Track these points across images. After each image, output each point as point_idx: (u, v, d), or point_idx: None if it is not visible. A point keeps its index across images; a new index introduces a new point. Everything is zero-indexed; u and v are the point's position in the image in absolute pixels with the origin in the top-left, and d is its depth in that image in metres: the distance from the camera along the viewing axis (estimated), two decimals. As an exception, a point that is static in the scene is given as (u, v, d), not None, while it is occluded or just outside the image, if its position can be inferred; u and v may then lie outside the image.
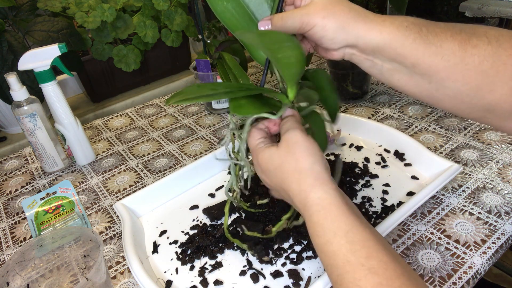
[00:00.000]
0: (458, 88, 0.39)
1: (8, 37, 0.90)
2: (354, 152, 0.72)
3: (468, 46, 0.38)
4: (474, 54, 0.37)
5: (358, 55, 0.43)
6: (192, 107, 0.98)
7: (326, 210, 0.38)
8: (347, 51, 0.43)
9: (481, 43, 0.37)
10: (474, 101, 0.40)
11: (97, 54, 1.04)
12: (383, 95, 0.90)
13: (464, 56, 0.38)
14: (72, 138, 0.77)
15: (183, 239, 0.59)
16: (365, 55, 0.42)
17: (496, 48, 0.37)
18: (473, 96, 0.39)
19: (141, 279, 0.50)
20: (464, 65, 0.38)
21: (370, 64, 0.43)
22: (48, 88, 0.72)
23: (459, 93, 0.39)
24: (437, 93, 0.41)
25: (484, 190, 0.60)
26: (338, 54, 0.44)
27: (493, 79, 0.38)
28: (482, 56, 0.37)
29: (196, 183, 0.70)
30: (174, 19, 1.08)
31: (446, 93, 0.40)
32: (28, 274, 0.50)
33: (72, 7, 0.98)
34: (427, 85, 0.41)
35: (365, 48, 0.41)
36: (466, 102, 0.40)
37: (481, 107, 0.40)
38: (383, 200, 0.61)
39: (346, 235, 0.36)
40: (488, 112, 0.40)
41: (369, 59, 0.43)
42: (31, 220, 0.67)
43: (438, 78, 0.39)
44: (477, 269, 0.49)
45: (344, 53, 0.44)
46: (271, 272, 0.52)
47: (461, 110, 0.42)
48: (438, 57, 0.38)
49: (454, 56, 0.38)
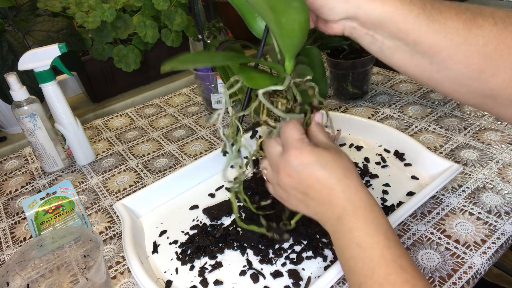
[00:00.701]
0: (459, 70, 0.38)
1: (8, 37, 0.90)
2: (354, 152, 0.72)
3: (473, 26, 0.36)
4: (479, 34, 0.36)
5: (359, 29, 0.41)
6: (192, 107, 0.99)
7: (372, 208, 0.40)
8: (348, 24, 0.41)
9: (486, 24, 0.36)
10: (476, 85, 0.38)
11: (97, 54, 1.04)
12: (383, 95, 0.90)
13: (468, 36, 0.36)
14: (72, 138, 0.77)
15: (183, 239, 0.59)
16: (365, 29, 0.41)
17: (502, 30, 0.36)
18: (474, 79, 0.38)
19: (141, 279, 0.50)
20: (467, 45, 0.36)
21: (370, 40, 0.41)
22: (48, 88, 0.72)
23: (461, 75, 0.38)
24: (438, 75, 0.40)
25: (484, 190, 0.60)
26: (338, 27, 0.42)
27: (496, 63, 0.36)
28: (487, 38, 0.36)
29: (196, 183, 0.70)
30: (174, 19, 1.08)
31: (447, 75, 0.39)
32: (28, 274, 0.50)
33: (72, 7, 0.98)
34: (428, 65, 0.39)
35: (366, 20, 0.39)
36: (467, 86, 0.39)
37: (482, 93, 0.39)
38: (383, 200, 0.61)
39: (386, 232, 0.38)
40: (489, 98, 0.39)
41: (370, 34, 0.41)
42: (31, 220, 0.67)
43: (439, 58, 0.38)
44: (477, 269, 0.49)
45: (344, 27, 0.42)
46: (271, 272, 0.52)
47: (462, 95, 0.40)
48: (441, 35, 0.37)
49: (457, 35, 0.36)
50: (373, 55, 0.43)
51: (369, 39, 0.41)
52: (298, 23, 0.38)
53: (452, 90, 0.41)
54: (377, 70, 1.02)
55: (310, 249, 0.53)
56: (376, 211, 0.39)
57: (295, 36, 0.39)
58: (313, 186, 0.40)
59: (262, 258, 0.54)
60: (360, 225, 0.39)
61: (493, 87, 0.38)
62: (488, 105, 0.40)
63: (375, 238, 0.38)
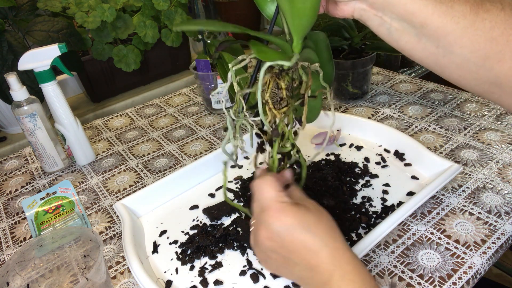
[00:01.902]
0: (465, 55, 0.38)
1: (8, 37, 0.90)
2: (354, 152, 0.72)
3: (480, 9, 0.36)
4: (485, 18, 0.36)
5: (368, 10, 0.41)
6: (192, 107, 0.99)
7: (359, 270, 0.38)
8: (358, 5, 0.42)
9: (494, 8, 0.36)
10: (481, 72, 0.38)
11: (97, 54, 1.04)
12: (383, 95, 0.90)
13: (475, 20, 0.36)
14: (72, 138, 0.77)
15: (183, 239, 0.59)
16: (374, 10, 0.41)
17: (509, 15, 0.36)
18: (480, 66, 0.38)
19: (141, 279, 0.50)
20: (474, 29, 0.36)
21: (379, 22, 0.42)
22: (48, 88, 0.72)
23: (466, 61, 0.38)
24: (443, 59, 0.40)
25: (484, 190, 0.60)
26: (348, 9, 0.43)
27: (502, 48, 0.36)
28: (494, 22, 0.36)
29: (196, 183, 0.70)
30: (174, 19, 1.08)
31: (453, 60, 0.39)
32: (28, 274, 0.50)
33: (72, 7, 0.98)
34: (434, 49, 0.39)
35: (375, 1, 0.40)
36: (473, 72, 0.39)
37: (488, 80, 0.39)
38: (383, 200, 0.61)
39: None
40: (495, 86, 0.39)
41: (379, 15, 0.41)
42: (31, 220, 0.67)
43: (445, 42, 0.38)
44: (477, 269, 0.49)
45: (354, 9, 0.43)
46: (271, 272, 0.52)
47: (467, 81, 0.40)
48: (448, 17, 0.37)
49: (464, 18, 0.36)
50: (382, 38, 0.44)
51: (378, 20, 0.42)
52: (310, 2, 0.39)
53: (458, 75, 0.40)
54: (377, 70, 1.02)
55: (310, 249, 0.53)
56: (364, 273, 0.38)
57: (305, 16, 0.40)
58: (298, 250, 0.38)
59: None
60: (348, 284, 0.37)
61: (498, 74, 0.38)
62: (495, 94, 0.40)
63: None
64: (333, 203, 0.58)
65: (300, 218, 0.38)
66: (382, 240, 0.54)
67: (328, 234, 0.39)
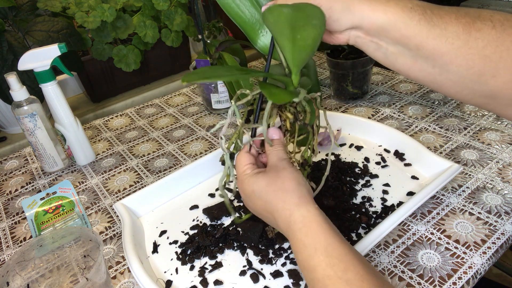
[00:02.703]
0: (461, 72, 0.39)
1: (8, 37, 0.90)
2: (354, 152, 0.72)
3: (473, 29, 0.37)
4: (478, 37, 0.37)
5: (363, 37, 0.43)
6: (192, 107, 0.99)
7: (307, 227, 0.40)
8: (352, 33, 0.43)
9: (485, 27, 0.37)
10: (477, 87, 0.39)
11: (97, 54, 1.04)
12: (383, 95, 0.90)
13: (468, 39, 0.37)
14: (72, 138, 0.77)
15: (183, 239, 0.59)
16: (370, 37, 0.42)
17: (500, 32, 0.37)
18: (475, 82, 0.39)
19: (141, 279, 0.50)
20: (468, 48, 0.37)
21: (375, 47, 0.43)
22: (48, 88, 0.72)
23: (462, 78, 0.39)
24: (440, 77, 0.41)
25: (484, 190, 0.60)
26: (343, 37, 0.44)
27: (496, 65, 0.37)
28: (486, 40, 0.37)
29: (196, 183, 0.70)
30: (174, 19, 1.08)
31: (449, 77, 0.40)
32: (28, 274, 0.50)
33: (72, 7, 0.98)
34: (430, 69, 0.41)
35: (370, 28, 0.41)
36: (469, 88, 0.40)
37: (483, 93, 0.40)
38: (383, 200, 0.61)
39: (326, 250, 0.38)
40: (491, 98, 0.40)
41: (374, 41, 0.42)
42: (31, 220, 0.67)
43: (441, 62, 0.39)
44: (477, 269, 0.49)
45: (349, 36, 0.44)
46: (271, 272, 0.52)
47: (464, 96, 0.41)
48: (442, 39, 0.38)
49: (458, 39, 0.37)
50: (378, 61, 0.45)
51: (374, 46, 0.43)
52: (312, 39, 0.40)
53: (455, 91, 0.42)
54: (377, 70, 1.02)
55: (310, 249, 0.53)
56: (314, 229, 0.40)
57: (306, 51, 0.41)
58: (262, 213, 0.45)
59: (262, 258, 0.54)
60: (300, 248, 0.40)
61: (493, 88, 0.39)
62: (490, 105, 0.41)
63: (315, 259, 0.38)
64: (333, 203, 0.58)
65: (253, 186, 0.44)
66: (382, 240, 0.54)
67: (276, 197, 0.42)
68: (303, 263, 0.40)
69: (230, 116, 0.45)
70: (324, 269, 0.37)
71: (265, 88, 0.42)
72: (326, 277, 0.37)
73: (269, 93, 0.42)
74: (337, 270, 0.37)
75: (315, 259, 0.38)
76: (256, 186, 0.44)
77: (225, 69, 0.45)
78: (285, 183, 0.43)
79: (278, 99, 0.42)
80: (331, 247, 0.38)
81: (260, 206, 0.44)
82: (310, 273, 0.39)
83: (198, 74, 0.42)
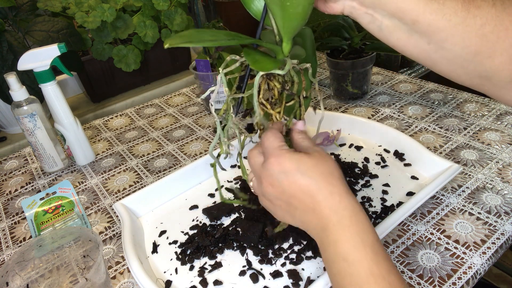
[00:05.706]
0: (456, 51, 0.38)
1: (8, 37, 0.90)
2: (354, 152, 0.72)
3: (472, 6, 0.36)
4: (477, 15, 0.36)
5: (358, 8, 0.41)
6: (192, 107, 0.99)
7: (358, 216, 0.38)
8: (347, 3, 0.42)
9: (485, 5, 0.36)
10: (472, 67, 0.38)
11: (97, 54, 1.04)
12: (383, 95, 0.90)
13: (466, 16, 0.36)
14: (72, 138, 0.77)
15: (182, 239, 0.59)
16: (365, 8, 0.41)
17: (500, 11, 0.36)
18: (471, 61, 0.38)
19: (140, 279, 0.50)
20: (465, 26, 0.36)
21: (369, 19, 0.41)
22: (48, 88, 0.72)
23: (458, 56, 0.38)
24: (435, 55, 0.40)
25: (484, 190, 0.60)
26: (337, 7, 0.42)
27: (493, 45, 0.36)
28: (484, 19, 0.36)
29: (196, 183, 0.70)
30: (174, 19, 1.08)
31: (444, 55, 0.39)
32: (28, 274, 0.50)
33: (72, 7, 0.98)
34: (426, 45, 0.39)
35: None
36: (464, 67, 0.39)
37: (478, 74, 0.39)
38: (383, 200, 0.61)
39: (373, 245, 0.36)
40: (486, 79, 0.39)
41: (369, 13, 0.41)
42: (30, 220, 0.67)
43: (437, 38, 0.38)
44: (476, 269, 0.49)
45: (344, 6, 0.42)
46: (270, 272, 0.52)
47: (458, 76, 0.41)
48: (439, 15, 0.37)
49: (455, 15, 0.36)
50: (373, 34, 0.43)
51: (368, 18, 0.41)
52: (302, 7, 0.39)
53: (449, 70, 0.41)
54: (377, 70, 1.02)
55: (309, 249, 0.53)
56: (362, 221, 0.38)
57: (296, 19, 0.40)
58: (296, 194, 0.39)
59: (262, 258, 0.54)
60: (346, 237, 0.37)
61: (488, 69, 0.38)
62: (485, 86, 0.40)
63: (362, 251, 0.36)
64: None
65: (297, 163, 0.39)
66: (381, 240, 0.54)
67: (324, 179, 0.39)
68: (344, 253, 0.37)
69: (220, 82, 0.44)
70: (369, 264, 0.35)
71: (249, 55, 0.40)
72: (369, 273, 0.35)
73: (253, 60, 0.40)
74: (382, 269, 0.35)
75: (361, 252, 0.36)
76: (302, 164, 0.39)
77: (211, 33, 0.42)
78: (333, 169, 0.40)
79: (261, 67, 0.40)
80: (378, 244, 0.37)
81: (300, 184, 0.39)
82: (351, 266, 0.36)
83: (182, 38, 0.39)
